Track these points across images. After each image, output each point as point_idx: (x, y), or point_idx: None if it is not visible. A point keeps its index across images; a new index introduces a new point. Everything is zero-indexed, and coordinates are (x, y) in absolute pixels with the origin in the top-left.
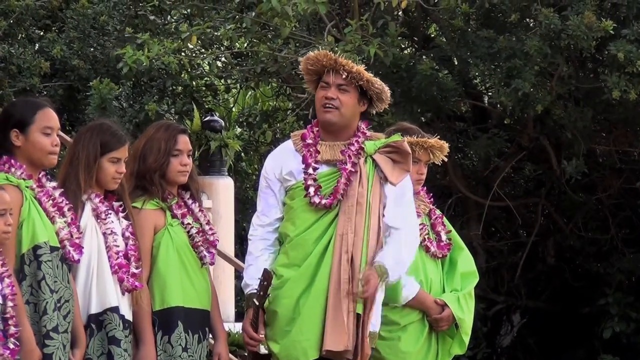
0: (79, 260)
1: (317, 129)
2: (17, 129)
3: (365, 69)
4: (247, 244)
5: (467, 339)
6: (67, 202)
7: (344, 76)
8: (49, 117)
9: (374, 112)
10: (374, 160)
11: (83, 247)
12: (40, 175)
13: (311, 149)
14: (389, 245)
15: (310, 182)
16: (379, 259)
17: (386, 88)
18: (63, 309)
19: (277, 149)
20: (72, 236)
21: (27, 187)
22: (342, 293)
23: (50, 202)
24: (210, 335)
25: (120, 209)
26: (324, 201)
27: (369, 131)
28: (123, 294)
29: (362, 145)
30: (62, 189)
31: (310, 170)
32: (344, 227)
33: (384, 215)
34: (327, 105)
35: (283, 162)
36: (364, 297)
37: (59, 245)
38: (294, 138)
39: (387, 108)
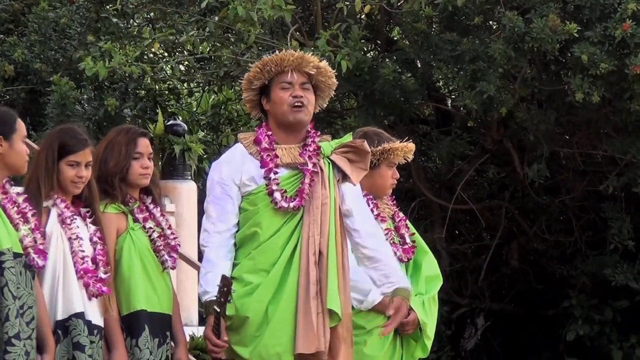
0: (43, 266)
1: (269, 132)
2: (2, 135)
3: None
4: None
5: (429, 343)
6: (31, 208)
7: (311, 72)
8: (24, 126)
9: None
10: (331, 160)
11: (47, 253)
12: (4, 182)
13: (270, 153)
14: (382, 259)
15: (274, 187)
16: (396, 282)
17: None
18: (26, 316)
19: (228, 154)
20: (36, 242)
21: None
22: (310, 294)
23: (15, 209)
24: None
25: (88, 214)
26: (291, 204)
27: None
28: (90, 299)
29: (319, 145)
30: (26, 195)
31: (272, 175)
32: (311, 229)
33: (346, 216)
34: (297, 104)
35: (241, 167)
36: (396, 326)
37: (22, 252)
38: (245, 142)
39: (350, 111)
